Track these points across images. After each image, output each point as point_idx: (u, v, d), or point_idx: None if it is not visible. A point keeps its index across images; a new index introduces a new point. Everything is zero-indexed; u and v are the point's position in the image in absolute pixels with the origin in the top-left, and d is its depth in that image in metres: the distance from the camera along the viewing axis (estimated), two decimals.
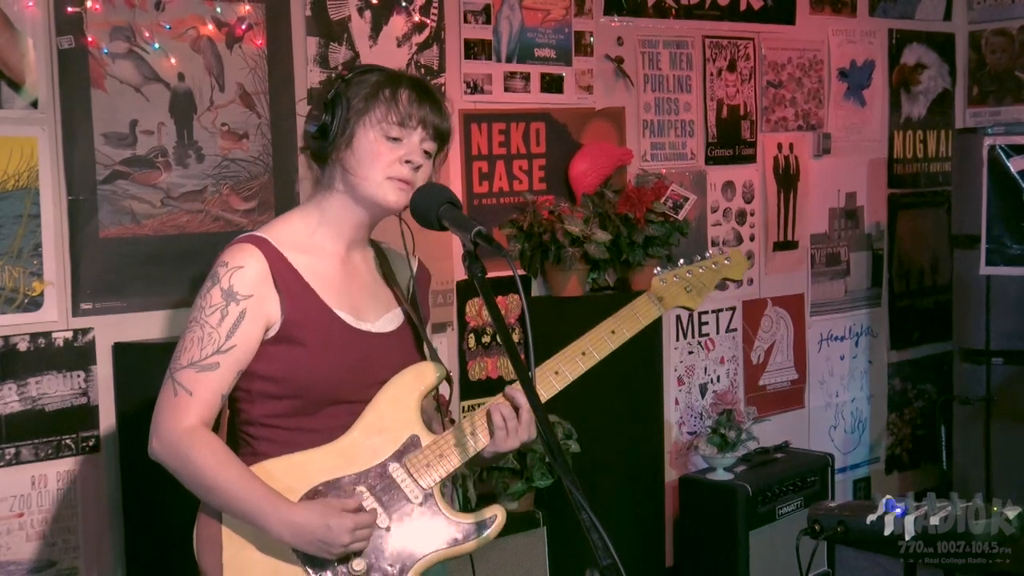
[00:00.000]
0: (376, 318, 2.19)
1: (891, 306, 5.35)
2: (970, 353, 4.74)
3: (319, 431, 2.11)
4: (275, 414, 2.12)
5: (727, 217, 4.68)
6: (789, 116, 4.88)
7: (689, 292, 2.36)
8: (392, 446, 2.13)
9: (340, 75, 2.15)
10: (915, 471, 5.47)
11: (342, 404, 2.12)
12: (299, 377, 2.09)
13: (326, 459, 2.10)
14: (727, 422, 4.33)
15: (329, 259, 2.17)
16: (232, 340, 2.05)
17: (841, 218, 5.13)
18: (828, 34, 5.02)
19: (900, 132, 5.35)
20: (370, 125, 2.09)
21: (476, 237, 1.94)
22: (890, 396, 5.38)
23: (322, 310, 2.12)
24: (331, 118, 2.10)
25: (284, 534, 2.01)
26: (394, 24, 3.73)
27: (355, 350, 2.13)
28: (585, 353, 2.23)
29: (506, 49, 4.00)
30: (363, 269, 2.22)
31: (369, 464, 2.11)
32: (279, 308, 2.08)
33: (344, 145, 2.10)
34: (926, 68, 5.44)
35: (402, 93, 2.10)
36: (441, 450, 2.13)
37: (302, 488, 2.07)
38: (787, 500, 4.39)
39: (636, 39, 4.35)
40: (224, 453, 2.06)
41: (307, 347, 2.08)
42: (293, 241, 2.14)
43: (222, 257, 2.11)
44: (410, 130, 2.10)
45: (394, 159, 2.09)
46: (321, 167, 2.18)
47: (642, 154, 4.38)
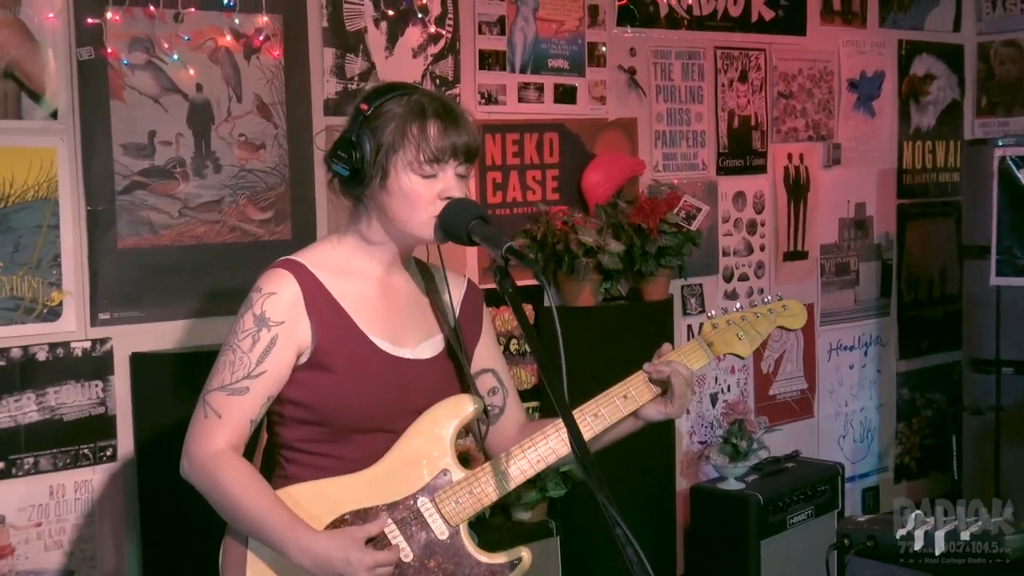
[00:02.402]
0: (415, 344, 2.17)
1: (900, 316, 5.37)
2: (980, 363, 4.75)
3: (350, 459, 2.10)
4: (307, 439, 2.12)
5: (738, 227, 4.70)
6: (799, 127, 4.89)
7: (741, 339, 2.25)
8: (423, 479, 2.11)
9: (360, 110, 2.09)
10: (924, 480, 5.47)
11: (375, 432, 2.11)
12: (330, 404, 2.08)
13: (355, 488, 2.09)
14: (738, 432, 4.34)
15: (368, 282, 2.15)
16: (263, 366, 2.06)
17: (851, 228, 5.14)
18: (838, 45, 5.03)
19: (909, 143, 5.36)
20: (402, 166, 2.05)
21: (508, 253, 1.94)
22: (899, 405, 5.39)
23: (356, 336, 2.11)
24: (360, 159, 2.05)
25: (305, 562, 2.00)
26: (410, 35, 3.75)
27: (389, 378, 2.11)
28: (627, 397, 2.18)
29: (520, 60, 4.01)
30: (404, 291, 2.20)
31: (398, 496, 2.10)
32: (311, 334, 2.08)
33: (379, 186, 2.07)
34: (935, 79, 5.46)
35: (430, 128, 2.05)
36: (473, 487, 2.11)
37: (328, 516, 2.07)
38: (798, 510, 4.40)
39: (648, 50, 4.37)
40: (250, 477, 2.06)
41: (337, 374, 2.08)
42: (330, 265, 2.13)
43: (257, 282, 2.12)
44: (444, 164, 2.07)
45: (432, 197, 2.06)
46: (354, 204, 2.15)
47: (654, 164, 4.39)
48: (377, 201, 2.10)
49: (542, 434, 2.14)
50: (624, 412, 2.18)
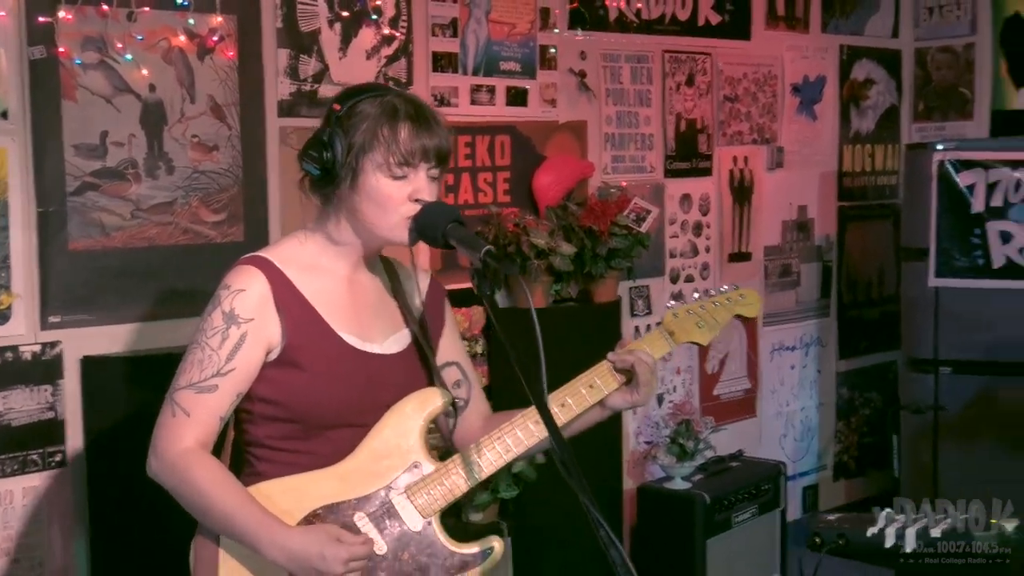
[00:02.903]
0: (383, 339, 2.18)
1: (840, 316, 5.46)
2: (918, 363, 4.85)
3: (321, 454, 2.11)
4: (277, 436, 2.12)
5: (684, 229, 4.75)
6: (744, 130, 4.96)
7: (701, 327, 2.30)
8: (394, 472, 2.12)
9: (332, 110, 2.10)
10: (862, 478, 5.58)
11: (345, 427, 2.12)
12: (300, 401, 2.09)
13: (326, 483, 2.10)
14: (686, 432, 4.40)
15: (335, 279, 2.16)
16: (232, 363, 2.05)
17: (793, 230, 5.22)
18: (782, 50, 5.10)
19: (849, 146, 5.45)
20: (373, 168, 2.06)
21: (486, 256, 1.95)
22: (838, 405, 5.48)
23: (325, 332, 2.11)
24: (332, 159, 2.06)
25: (279, 559, 2.00)
26: (363, 37, 3.74)
27: (359, 373, 2.12)
28: (593, 386, 2.21)
29: (472, 62, 4.02)
30: (370, 288, 2.21)
31: (370, 490, 2.11)
32: (280, 331, 2.08)
33: (349, 186, 2.08)
34: (874, 84, 5.56)
35: (401, 130, 2.05)
36: (444, 478, 2.13)
37: (300, 512, 2.07)
38: (742, 508, 4.46)
39: (598, 53, 4.40)
40: (222, 475, 2.05)
41: (308, 371, 2.08)
42: (298, 261, 2.13)
43: (225, 279, 2.10)
44: (414, 166, 2.08)
45: (403, 198, 2.07)
46: (324, 203, 2.15)
47: (603, 167, 4.42)
48: (347, 201, 2.10)
49: (511, 424, 2.16)
50: (590, 401, 2.21)
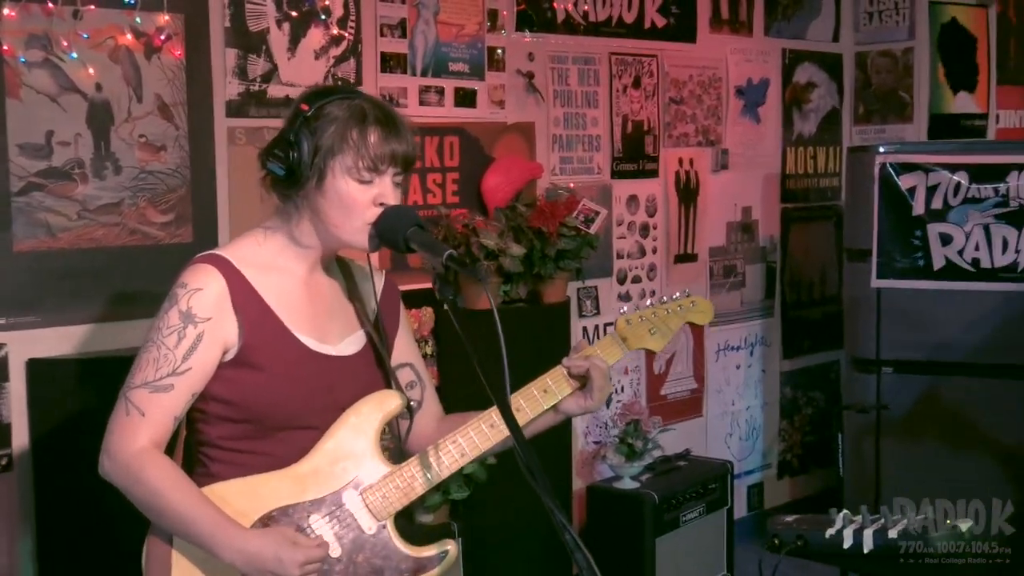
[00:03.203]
0: (338, 340, 2.17)
1: (783, 316, 5.52)
2: (861, 362, 4.91)
3: (277, 455, 2.09)
4: (231, 436, 2.10)
5: (631, 230, 4.78)
6: (690, 132, 5.00)
7: (653, 334, 2.30)
8: (349, 475, 2.11)
9: (300, 110, 2.07)
10: (805, 476, 5.65)
11: (301, 429, 2.10)
12: (256, 402, 2.07)
13: (282, 485, 2.08)
14: (634, 432, 4.42)
15: (293, 279, 2.14)
16: (188, 363, 2.03)
17: (737, 231, 5.27)
18: (727, 53, 5.15)
19: (792, 148, 5.52)
20: (340, 171, 2.04)
21: (448, 260, 1.95)
22: (782, 404, 5.55)
23: (282, 333, 2.10)
24: (298, 159, 2.04)
25: (235, 561, 1.99)
26: (312, 37, 3.72)
27: (315, 375, 2.11)
28: (547, 391, 2.20)
29: (421, 63, 4.01)
30: (327, 289, 2.20)
31: (325, 492, 2.10)
32: (237, 332, 2.06)
33: (314, 188, 2.06)
34: (816, 87, 5.63)
35: (370, 135, 2.04)
36: (399, 481, 2.12)
37: (255, 513, 2.05)
38: (690, 507, 4.50)
39: (546, 55, 4.41)
40: (176, 475, 2.03)
41: (265, 372, 2.07)
42: (255, 261, 2.11)
43: (181, 277, 2.08)
44: (382, 172, 2.06)
45: (367, 202, 2.06)
46: (285, 203, 2.13)
47: (551, 168, 4.44)
48: (311, 203, 2.08)
49: (467, 427, 2.16)
50: (544, 406, 2.20)
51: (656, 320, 2.32)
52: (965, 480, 4.63)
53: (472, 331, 3.01)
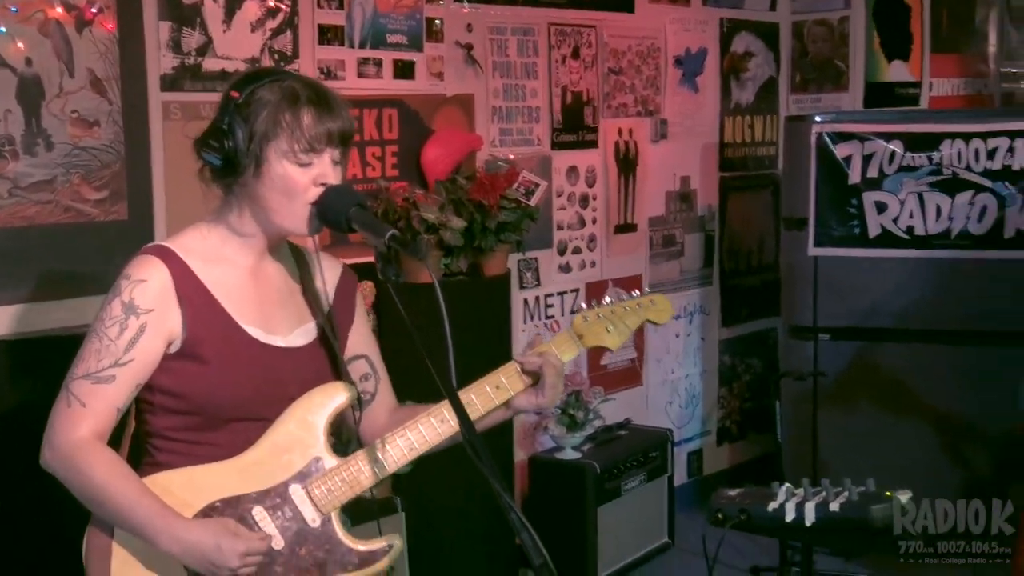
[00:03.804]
0: (288, 331, 2.15)
1: (722, 285, 5.57)
2: (798, 330, 4.98)
3: (223, 446, 2.08)
4: (177, 427, 2.09)
5: (571, 201, 4.78)
6: (629, 102, 5.01)
7: (610, 332, 2.27)
8: (295, 467, 2.11)
9: (231, 97, 2.04)
10: (744, 442, 5.72)
11: (248, 421, 2.09)
12: (201, 394, 2.06)
13: (226, 476, 2.07)
14: (575, 403, 4.45)
15: (240, 270, 2.12)
16: (130, 354, 2.02)
17: (676, 201, 5.30)
18: (665, 22, 5.16)
19: (730, 117, 5.55)
20: (278, 156, 2.02)
21: (391, 241, 1.94)
22: (720, 371, 5.60)
23: (228, 325, 2.08)
24: (233, 148, 2.01)
25: (175, 550, 1.99)
26: (248, 9, 3.67)
27: (262, 366, 2.10)
28: (499, 386, 2.19)
29: (359, 35, 3.98)
30: (277, 279, 2.18)
31: (269, 484, 2.09)
32: (181, 323, 2.05)
33: (252, 175, 2.04)
34: (753, 56, 5.66)
35: (304, 115, 2.02)
36: (345, 474, 2.12)
37: (198, 504, 2.05)
38: (631, 476, 4.55)
39: (485, 26, 4.39)
40: (117, 466, 2.02)
41: (210, 364, 2.05)
42: (202, 252, 2.10)
43: (126, 269, 2.06)
44: (320, 152, 2.05)
45: (308, 184, 2.04)
46: (226, 193, 2.11)
47: (491, 140, 4.43)
48: (250, 190, 2.06)
49: (416, 421, 2.15)
50: (496, 402, 2.20)
51: (614, 318, 2.29)
52: (900, 444, 4.74)
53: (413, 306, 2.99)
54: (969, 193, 4.72)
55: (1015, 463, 4.39)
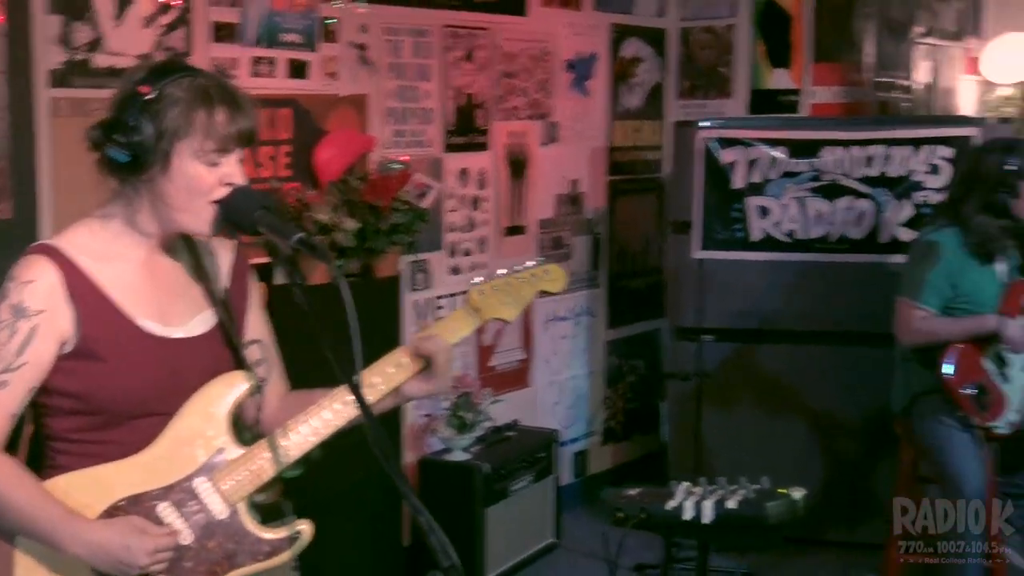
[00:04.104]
0: (186, 321, 2.12)
1: (609, 287, 5.65)
2: (684, 331, 5.09)
3: (126, 444, 2.05)
4: (79, 428, 2.05)
5: (463, 203, 4.81)
6: (521, 105, 5.05)
7: (506, 304, 2.25)
8: (199, 460, 2.08)
9: (138, 91, 2.00)
10: (628, 442, 5.81)
11: (150, 416, 2.06)
12: (99, 393, 2.02)
13: (129, 473, 2.04)
14: (465, 404, 4.48)
15: (131, 264, 2.08)
16: (23, 358, 1.97)
17: (566, 204, 5.36)
18: (557, 27, 5.21)
19: (619, 122, 5.63)
20: (188, 154, 1.99)
21: (298, 243, 1.94)
22: (606, 372, 5.68)
23: (122, 321, 2.05)
24: (141, 144, 1.98)
25: (82, 553, 1.96)
26: (140, 4, 3.60)
27: (161, 360, 2.07)
28: (400, 364, 2.18)
29: (254, 33, 3.94)
30: (170, 270, 2.14)
31: (174, 478, 2.07)
32: (73, 322, 2.01)
33: (159, 172, 2.00)
34: (642, 61, 5.75)
35: (217, 115, 2.00)
36: (250, 463, 2.10)
37: (101, 504, 2.02)
38: (519, 477, 4.60)
39: (380, 27, 4.38)
40: (15, 473, 1.98)
41: (106, 362, 2.02)
42: (90, 249, 2.05)
43: (12, 271, 2.01)
44: (230, 152, 2.03)
45: (215, 183, 2.02)
46: (122, 186, 2.06)
47: (384, 141, 4.42)
48: (154, 187, 2.03)
49: (318, 406, 2.13)
50: (386, 389, 2.17)
51: (509, 289, 2.28)
52: (780, 442, 4.88)
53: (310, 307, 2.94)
54: (848, 199, 4.88)
55: (888, 459, 4.56)
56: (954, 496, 3.83)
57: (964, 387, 3.91)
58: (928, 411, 4.01)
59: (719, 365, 4.99)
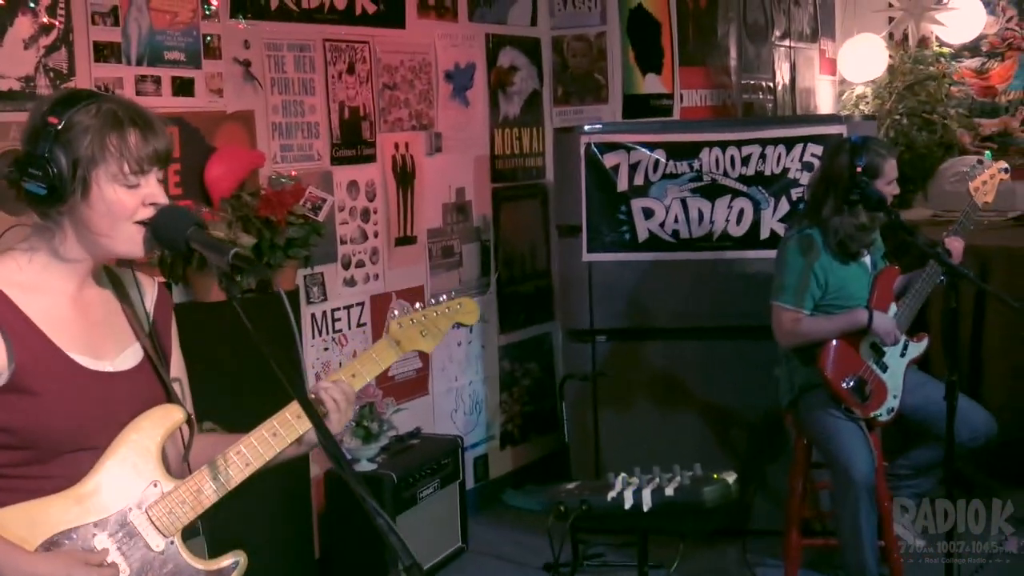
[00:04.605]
0: (115, 355, 2.12)
1: (499, 292, 5.71)
2: (576, 333, 5.18)
3: (57, 478, 2.03)
4: (9, 463, 2.02)
5: (353, 215, 4.82)
6: (404, 116, 5.08)
7: (424, 336, 2.39)
8: (133, 493, 2.08)
9: (49, 123, 2.00)
10: (526, 444, 5.88)
11: (83, 451, 2.05)
12: (33, 428, 2.00)
13: (63, 507, 2.03)
14: (369, 414, 4.49)
15: (61, 297, 2.08)
16: None
17: (453, 212, 5.41)
18: (435, 38, 5.26)
19: (500, 130, 5.70)
20: (106, 179, 2.00)
21: (235, 259, 1.96)
22: (501, 377, 5.74)
23: (55, 355, 2.03)
24: (58, 175, 1.98)
25: None
26: (20, 26, 3.54)
27: (93, 394, 2.06)
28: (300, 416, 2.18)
29: (136, 52, 3.90)
30: (98, 303, 2.14)
31: (108, 512, 2.05)
32: (6, 356, 1.99)
33: (79, 201, 2.00)
34: (518, 70, 5.83)
35: (130, 137, 2.01)
36: (184, 496, 2.10)
37: (36, 539, 1.99)
38: (426, 483, 4.62)
39: (262, 42, 4.38)
40: None
41: (40, 396, 2.00)
42: (18, 281, 2.04)
43: None
44: (147, 173, 2.04)
45: (137, 205, 2.03)
46: (43, 219, 2.06)
47: (272, 156, 4.41)
48: (75, 216, 2.03)
49: (249, 437, 2.15)
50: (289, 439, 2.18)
51: (427, 322, 2.40)
52: (674, 437, 4.99)
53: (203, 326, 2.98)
54: (727, 198, 5.02)
55: (780, 448, 4.71)
56: (844, 482, 3.97)
57: (844, 381, 4.05)
58: (813, 404, 4.14)
59: (612, 365, 5.09)
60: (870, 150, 4.07)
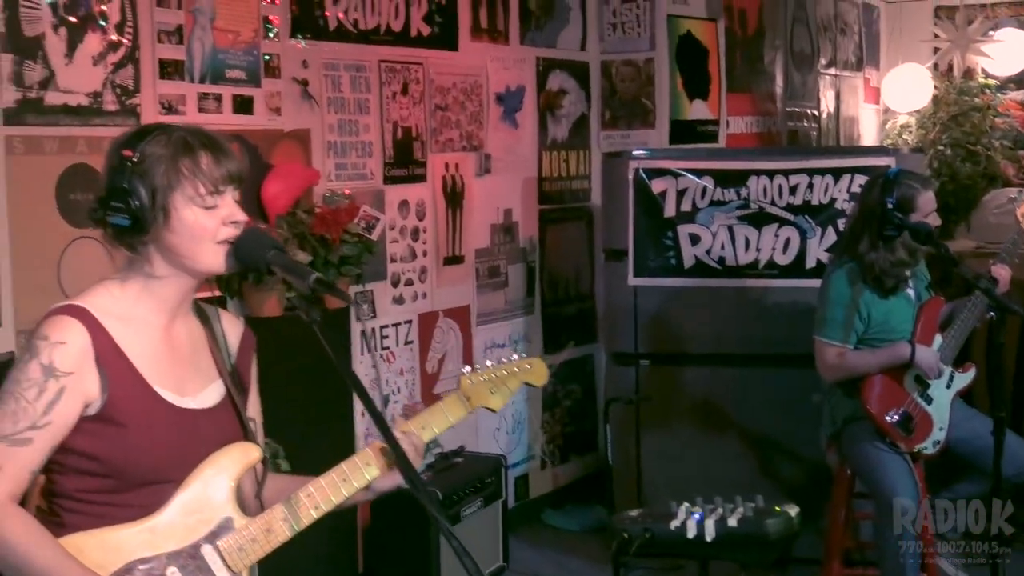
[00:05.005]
0: (198, 391, 2.18)
1: (543, 313, 5.75)
2: (620, 356, 5.21)
3: (134, 507, 2.09)
4: (90, 489, 2.08)
5: (403, 235, 4.87)
6: (455, 137, 5.14)
7: (493, 393, 2.40)
8: (205, 527, 2.12)
9: (124, 156, 2.07)
10: (565, 465, 5.91)
11: (161, 483, 2.10)
12: (118, 457, 2.06)
13: (138, 537, 2.08)
14: None
15: (151, 331, 2.14)
16: (48, 417, 2.01)
17: (500, 233, 5.46)
18: (486, 60, 5.32)
19: (547, 152, 5.75)
20: (184, 203, 2.06)
21: (315, 283, 2.01)
22: (543, 397, 5.77)
23: (144, 389, 2.09)
24: (139, 205, 2.05)
25: None
26: (89, 42, 3.62)
27: (176, 429, 2.12)
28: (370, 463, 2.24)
29: (199, 70, 3.97)
30: (185, 339, 2.20)
31: (181, 544, 2.10)
32: (99, 386, 2.05)
33: (162, 227, 2.07)
34: (567, 94, 5.89)
35: (202, 160, 2.07)
36: (255, 533, 2.13)
37: (112, 565, 2.04)
38: (470, 502, 4.66)
39: (319, 62, 4.45)
40: (36, 530, 2.01)
41: (127, 428, 2.06)
42: (114, 312, 2.10)
43: (42, 329, 2.05)
44: (223, 193, 2.10)
45: (218, 224, 2.09)
46: (131, 251, 2.12)
47: (327, 174, 4.48)
48: (161, 242, 2.09)
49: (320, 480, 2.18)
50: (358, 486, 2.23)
51: (496, 380, 2.41)
52: (717, 464, 5.00)
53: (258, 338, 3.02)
54: (774, 226, 5.04)
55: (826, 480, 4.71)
56: (888, 513, 3.96)
57: (888, 415, 4.02)
58: (857, 436, 4.10)
59: (654, 389, 5.11)
60: (902, 184, 4.03)
